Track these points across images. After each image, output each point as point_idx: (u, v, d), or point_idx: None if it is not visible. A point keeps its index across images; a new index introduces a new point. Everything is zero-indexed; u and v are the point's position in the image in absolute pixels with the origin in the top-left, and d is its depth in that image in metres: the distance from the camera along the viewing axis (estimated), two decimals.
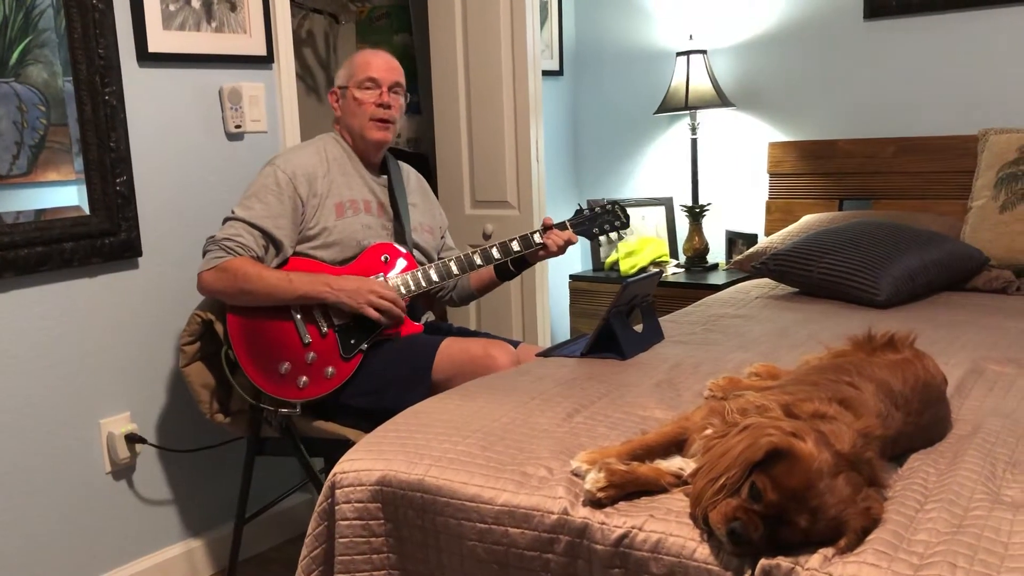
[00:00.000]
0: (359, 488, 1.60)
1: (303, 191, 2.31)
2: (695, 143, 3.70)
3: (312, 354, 2.24)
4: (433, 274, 2.37)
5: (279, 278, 2.23)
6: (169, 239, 2.55)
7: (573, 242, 2.49)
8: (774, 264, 2.92)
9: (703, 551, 1.26)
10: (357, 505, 1.59)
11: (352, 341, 2.27)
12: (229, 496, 2.71)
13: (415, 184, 2.60)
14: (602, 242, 3.83)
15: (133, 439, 2.48)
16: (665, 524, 1.31)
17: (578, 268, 4.08)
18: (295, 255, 2.33)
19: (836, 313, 2.58)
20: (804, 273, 2.83)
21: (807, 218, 3.32)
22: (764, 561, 1.21)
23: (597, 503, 1.37)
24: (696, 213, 3.70)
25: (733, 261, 3.42)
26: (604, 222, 2.55)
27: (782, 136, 3.65)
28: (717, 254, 3.80)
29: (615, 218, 2.56)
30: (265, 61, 2.74)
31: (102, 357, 2.42)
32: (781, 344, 2.24)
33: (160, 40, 2.46)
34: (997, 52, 3.17)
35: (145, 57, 2.44)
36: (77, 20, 2.27)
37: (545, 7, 3.88)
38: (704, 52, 3.64)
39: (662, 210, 3.91)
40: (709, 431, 1.38)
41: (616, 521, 1.34)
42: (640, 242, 3.74)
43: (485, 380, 2.02)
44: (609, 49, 4.04)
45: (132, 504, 2.53)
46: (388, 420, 1.79)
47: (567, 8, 4.06)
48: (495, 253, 2.41)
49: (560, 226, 2.48)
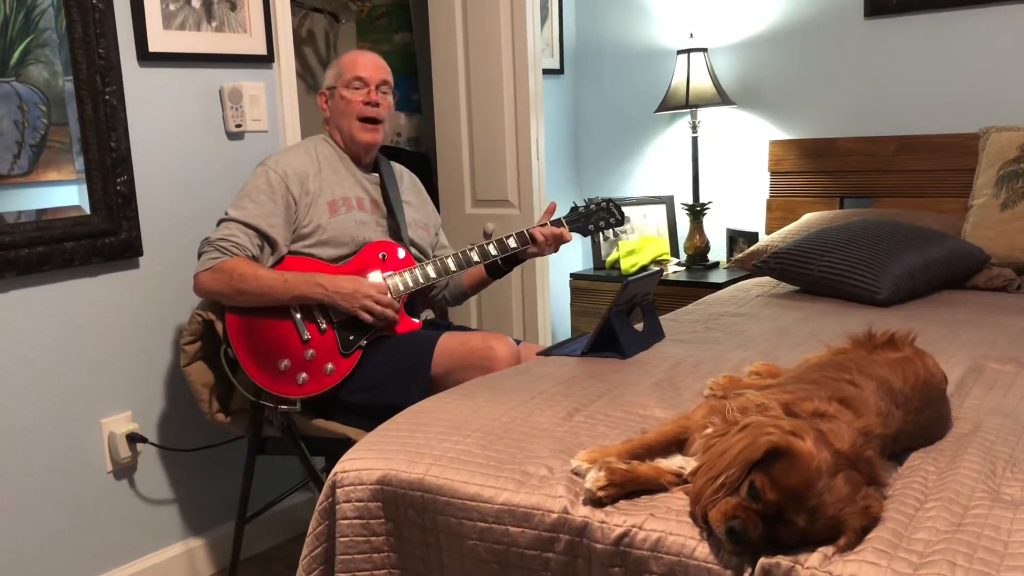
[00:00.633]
0: (360, 487, 1.60)
1: (295, 190, 2.32)
2: (696, 141, 3.69)
3: (311, 351, 2.25)
4: (431, 271, 2.37)
5: (274, 278, 2.23)
6: (170, 239, 2.55)
7: (567, 239, 2.48)
8: (775, 262, 2.92)
9: (703, 550, 1.27)
10: (358, 504, 1.60)
11: (351, 337, 2.27)
12: (230, 495, 2.72)
13: (408, 183, 2.61)
14: (605, 237, 3.82)
15: (134, 438, 2.48)
16: (665, 523, 1.31)
17: (579, 267, 4.08)
18: (291, 254, 2.34)
19: (837, 311, 2.58)
20: (805, 271, 2.83)
21: (808, 216, 3.32)
22: (764, 560, 1.21)
23: (597, 502, 1.37)
24: (697, 211, 3.70)
25: (734, 259, 3.42)
26: (599, 219, 2.56)
27: (783, 134, 3.64)
28: (718, 252, 3.80)
29: (610, 215, 2.57)
30: (265, 60, 2.74)
31: (103, 357, 2.43)
32: (781, 343, 2.24)
33: (160, 40, 2.46)
34: (998, 50, 3.17)
35: (145, 57, 2.44)
36: (77, 20, 2.27)
37: (545, 6, 3.88)
38: (705, 50, 3.63)
39: (663, 208, 3.91)
40: (709, 430, 1.38)
41: (616, 520, 1.35)
42: (641, 240, 3.74)
43: (485, 379, 2.02)
44: (610, 47, 4.04)
45: (133, 503, 2.53)
46: (388, 419, 1.79)
47: (567, 6, 4.05)
48: (492, 249, 2.42)
49: (555, 223, 2.48)
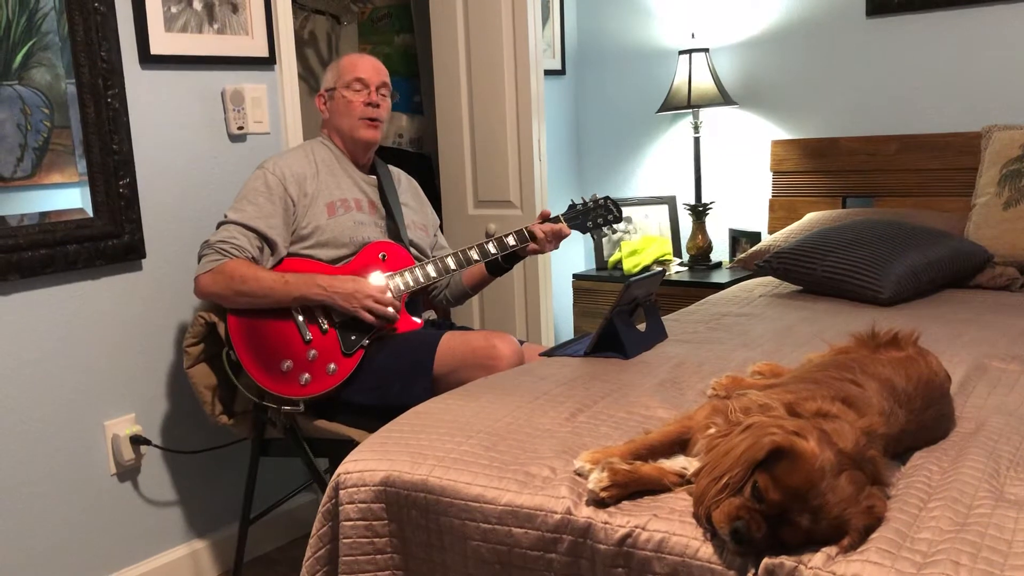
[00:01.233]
0: (363, 488, 1.60)
1: (293, 191, 2.33)
2: (698, 142, 3.69)
3: (313, 351, 2.25)
4: (431, 270, 2.37)
5: (274, 279, 2.23)
6: (172, 241, 2.55)
7: (565, 234, 2.49)
8: (777, 262, 2.92)
9: (706, 550, 1.27)
10: (361, 506, 1.60)
11: (353, 337, 2.27)
12: (234, 497, 2.72)
13: (406, 185, 2.62)
14: (603, 234, 3.82)
15: (138, 441, 2.48)
16: (668, 523, 1.31)
17: (581, 267, 4.08)
18: (291, 256, 2.34)
19: (840, 311, 2.58)
20: (807, 271, 2.82)
21: (810, 216, 3.32)
22: (767, 560, 1.21)
23: (600, 503, 1.37)
24: (699, 212, 3.70)
25: (736, 259, 3.41)
26: (597, 216, 2.56)
27: (785, 134, 3.64)
28: (720, 253, 3.80)
29: (607, 212, 2.58)
30: (267, 62, 2.74)
31: (106, 359, 2.43)
32: (785, 342, 2.23)
33: (162, 42, 2.47)
34: (1000, 49, 3.16)
35: (147, 59, 2.44)
36: (79, 23, 2.27)
37: (547, 6, 3.88)
38: (706, 50, 3.63)
39: (665, 209, 3.91)
40: (712, 430, 1.38)
41: (619, 521, 1.35)
42: (643, 241, 3.74)
43: (488, 380, 2.02)
44: (611, 48, 4.04)
45: (137, 505, 2.53)
46: (392, 420, 1.79)
47: (569, 7, 4.05)
48: (491, 248, 2.42)
49: (554, 220, 2.49)
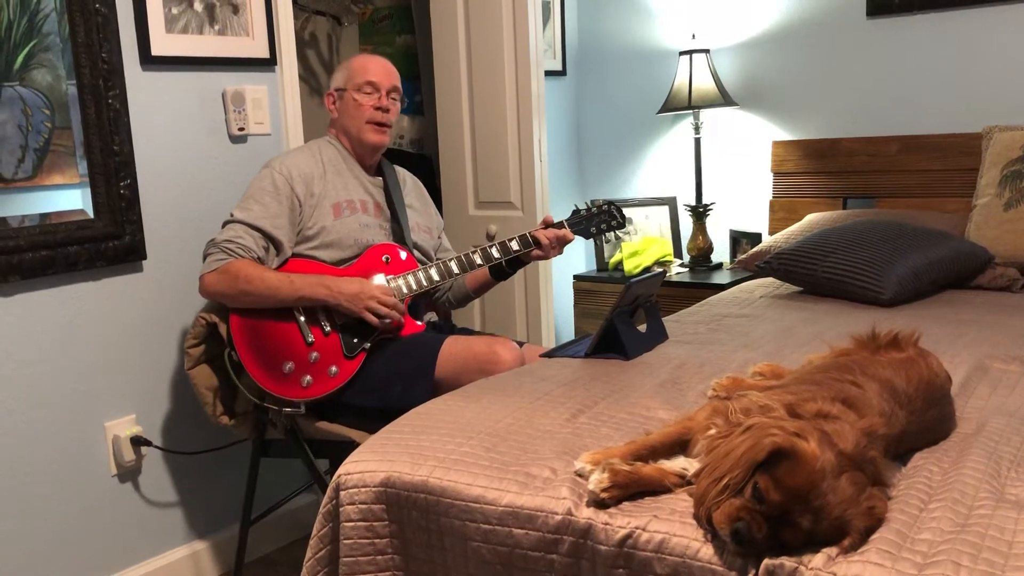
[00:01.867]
0: (363, 489, 1.60)
1: (300, 192, 2.32)
2: (698, 142, 3.69)
3: (315, 353, 2.25)
4: (434, 274, 2.37)
5: (280, 279, 2.23)
6: (173, 242, 2.56)
7: (569, 239, 2.49)
8: (778, 263, 2.92)
9: (707, 551, 1.26)
10: (361, 506, 1.60)
11: (355, 340, 2.27)
12: (234, 498, 2.72)
13: (411, 186, 2.62)
14: (607, 240, 3.82)
15: (138, 442, 2.49)
16: (669, 524, 1.31)
17: (582, 268, 4.08)
18: (296, 256, 2.34)
19: (841, 312, 2.58)
20: (808, 272, 2.82)
21: (811, 217, 3.32)
22: (768, 561, 1.21)
23: (601, 504, 1.37)
24: (700, 212, 3.70)
25: (737, 260, 3.41)
26: (601, 221, 2.56)
27: (785, 135, 3.64)
28: (721, 253, 3.80)
29: (611, 217, 2.57)
30: (268, 63, 2.74)
31: (107, 360, 2.43)
32: (785, 343, 2.23)
33: (163, 43, 2.47)
34: (1001, 49, 3.16)
35: (148, 60, 2.44)
36: (80, 24, 2.28)
37: (547, 7, 3.88)
38: (707, 51, 3.63)
39: (666, 210, 3.91)
40: (713, 431, 1.38)
41: (620, 521, 1.35)
42: (644, 242, 3.74)
43: (489, 381, 2.02)
44: (612, 49, 4.04)
45: (137, 506, 2.53)
46: (392, 421, 1.79)
47: (569, 8, 4.05)
48: (495, 252, 2.42)
49: (558, 225, 2.48)
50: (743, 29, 3.68)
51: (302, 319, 2.26)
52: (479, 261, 2.41)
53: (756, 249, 3.27)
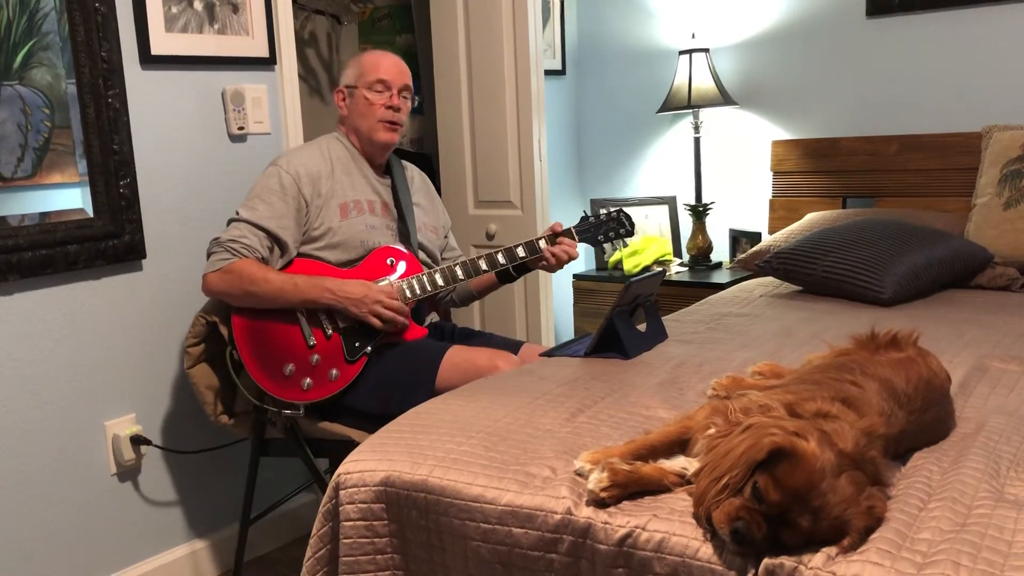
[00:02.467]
0: (363, 489, 1.60)
1: (307, 192, 2.31)
2: (698, 142, 3.69)
3: (316, 356, 2.24)
4: (439, 279, 2.36)
5: (284, 281, 2.22)
6: (173, 241, 2.55)
7: (574, 257, 2.45)
8: (778, 263, 2.92)
9: (706, 551, 1.27)
10: (361, 506, 1.60)
11: (357, 344, 2.27)
12: (234, 497, 2.72)
13: (419, 184, 2.60)
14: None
15: (138, 441, 2.49)
16: (668, 524, 1.31)
17: (582, 267, 4.08)
18: (300, 256, 2.33)
19: (840, 311, 2.58)
20: (808, 271, 2.82)
21: (811, 216, 3.32)
22: (767, 560, 1.21)
23: (600, 503, 1.37)
24: (699, 212, 3.70)
25: (737, 260, 3.41)
26: (609, 229, 2.52)
27: (785, 134, 3.64)
28: (721, 253, 3.80)
29: (620, 225, 2.53)
30: (268, 63, 2.74)
31: (106, 359, 2.43)
32: (785, 343, 2.23)
33: (163, 42, 2.47)
34: (1000, 49, 3.16)
35: (148, 59, 2.44)
36: (80, 23, 2.27)
37: (547, 6, 3.88)
38: (707, 51, 3.63)
39: (665, 209, 3.91)
40: (712, 430, 1.38)
41: (619, 521, 1.35)
42: (643, 241, 3.74)
43: (488, 380, 2.02)
44: (612, 48, 4.04)
45: (137, 506, 2.53)
46: (392, 421, 1.79)
47: (569, 7, 4.05)
48: (500, 258, 2.40)
49: (566, 233, 2.45)
50: (743, 29, 3.68)
51: (304, 321, 2.25)
52: (484, 267, 2.39)
53: (756, 248, 3.27)
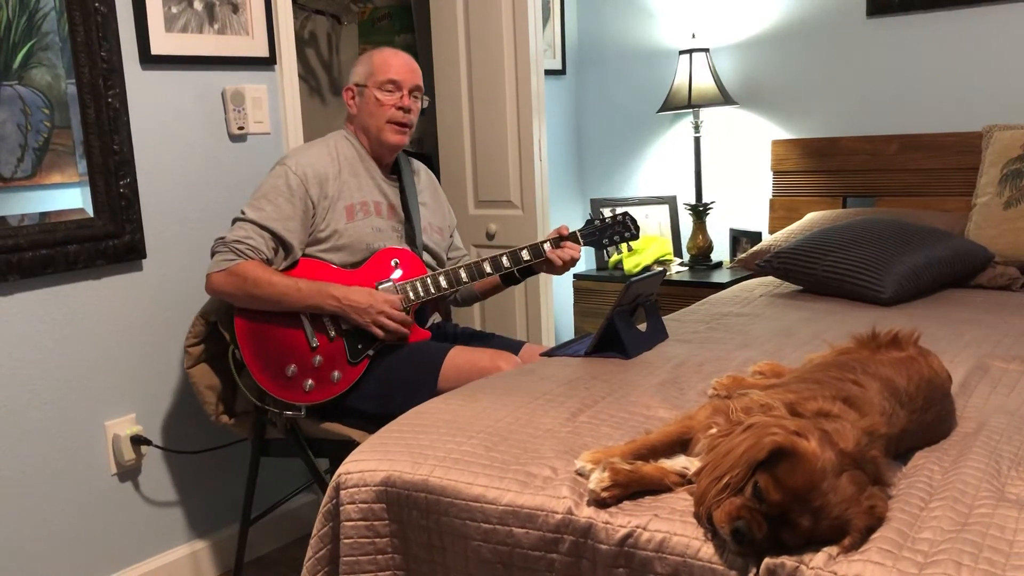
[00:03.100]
0: (363, 489, 1.60)
1: (314, 193, 2.29)
2: (698, 141, 3.69)
3: (319, 358, 2.24)
4: (443, 281, 2.35)
5: (288, 286, 2.21)
6: (173, 241, 2.55)
7: (577, 259, 2.44)
8: (778, 262, 2.91)
9: (707, 550, 1.26)
10: (362, 506, 1.60)
11: (359, 346, 2.26)
12: (234, 497, 2.72)
13: (426, 182, 2.58)
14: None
15: (138, 441, 2.48)
16: (669, 523, 1.31)
17: (582, 267, 4.07)
18: (305, 257, 2.32)
19: (841, 311, 2.58)
20: (808, 271, 2.82)
21: (811, 216, 3.32)
22: (768, 560, 1.21)
23: (601, 503, 1.37)
24: (700, 211, 3.70)
25: (737, 259, 3.41)
26: (614, 233, 2.51)
27: (785, 134, 3.64)
28: (721, 252, 3.80)
29: (625, 229, 2.52)
30: (268, 63, 2.74)
31: (107, 359, 2.43)
32: (785, 342, 2.23)
33: (163, 42, 2.46)
34: (1000, 48, 3.16)
35: (148, 59, 2.44)
36: (80, 23, 2.27)
37: (547, 6, 3.88)
38: (707, 50, 3.63)
39: (665, 209, 3.91)
40: (713, 430, 1.38)
41: (620, 520, 1.34)
42: (644, 241, 3.73)
43: (489, 380, 2.02)
44: (612, 48, 4.04)
45: (137, 506, 2.53)
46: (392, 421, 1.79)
47: (569, 7, 4.05)
48: (505, 261, 2.39)
49: (571, 237, 2.44)
50: (743, 28, 3.68)
51: (307, 323, 2.25)
52: (488, 270, 2.38)
53: (756, 248, 3.27)
